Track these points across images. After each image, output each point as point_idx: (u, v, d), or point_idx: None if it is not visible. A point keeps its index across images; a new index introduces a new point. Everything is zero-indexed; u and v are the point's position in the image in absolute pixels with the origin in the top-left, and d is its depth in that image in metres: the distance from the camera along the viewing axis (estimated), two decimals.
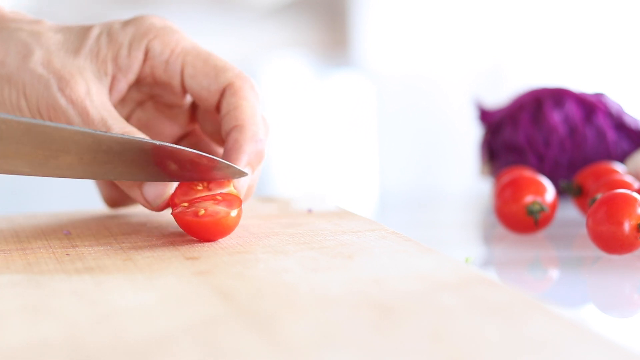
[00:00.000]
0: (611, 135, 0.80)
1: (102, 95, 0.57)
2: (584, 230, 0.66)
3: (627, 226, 0.56)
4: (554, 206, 0.66)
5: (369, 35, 2.42)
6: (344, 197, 0.95)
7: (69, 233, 0.57)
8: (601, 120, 0.80)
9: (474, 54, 2.16)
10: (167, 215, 0.61)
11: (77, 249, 0.53)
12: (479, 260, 0.63)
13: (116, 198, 0.64)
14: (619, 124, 0.81)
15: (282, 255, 0.50)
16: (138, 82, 0.60)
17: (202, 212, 0.52)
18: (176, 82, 0.59)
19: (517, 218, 0.65)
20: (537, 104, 0.83)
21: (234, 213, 0.53)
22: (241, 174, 0.55)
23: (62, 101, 0.56)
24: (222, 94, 0.58)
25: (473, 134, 0.98)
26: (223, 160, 0.54)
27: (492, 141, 0.85)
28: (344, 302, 0.40)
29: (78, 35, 0.59)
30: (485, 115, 0.87)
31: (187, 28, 0.63)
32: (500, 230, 0.68)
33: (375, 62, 2.33)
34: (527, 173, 0.68)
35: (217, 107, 0.59)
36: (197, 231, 0.53)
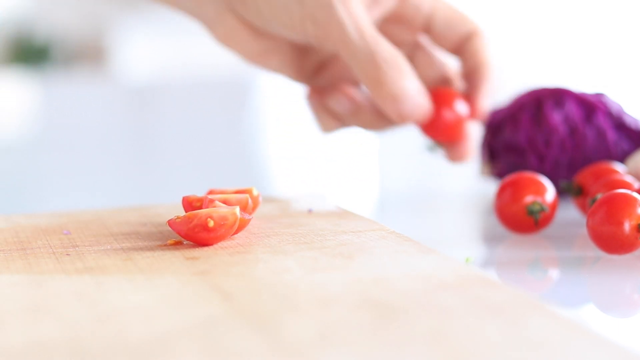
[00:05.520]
0: (611, 135, 0.80)
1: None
2: (584, 230, 0.66)
3: (627, 226, 0.56)
4: (554, 206, 0.66)
5: None
6: (344, 197, 0.95)
7: (69, 233, 0.57)
8: (601, 120, 0.80)
9: None
10: (167, 215, 0.61)
11: (77, 249, 0.53)
12: (479, 260, 0.63)
13: (332, 123, 0.74)
14: (619, 124, 0.81)
15: (282, 255, 0.49)
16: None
17: (212, 223, 0.52)
18: (418, 22, 0.70)
19: (517, 218, 0.65)
20: (537, 104, 0.83)
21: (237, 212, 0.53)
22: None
23: (344, 14, 0.65)
24: (467, 38, 0.71)
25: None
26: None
27: (492, 141, 0.85)
28: (344, 302, 0.40)
29: None
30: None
31: (185, 28, 0.62)
32: (500, 230, 0.68)
33: None
34: (527, 173, 0.68)
35: (456, 49, 0.71)
36: (206, 238, 0.52)
